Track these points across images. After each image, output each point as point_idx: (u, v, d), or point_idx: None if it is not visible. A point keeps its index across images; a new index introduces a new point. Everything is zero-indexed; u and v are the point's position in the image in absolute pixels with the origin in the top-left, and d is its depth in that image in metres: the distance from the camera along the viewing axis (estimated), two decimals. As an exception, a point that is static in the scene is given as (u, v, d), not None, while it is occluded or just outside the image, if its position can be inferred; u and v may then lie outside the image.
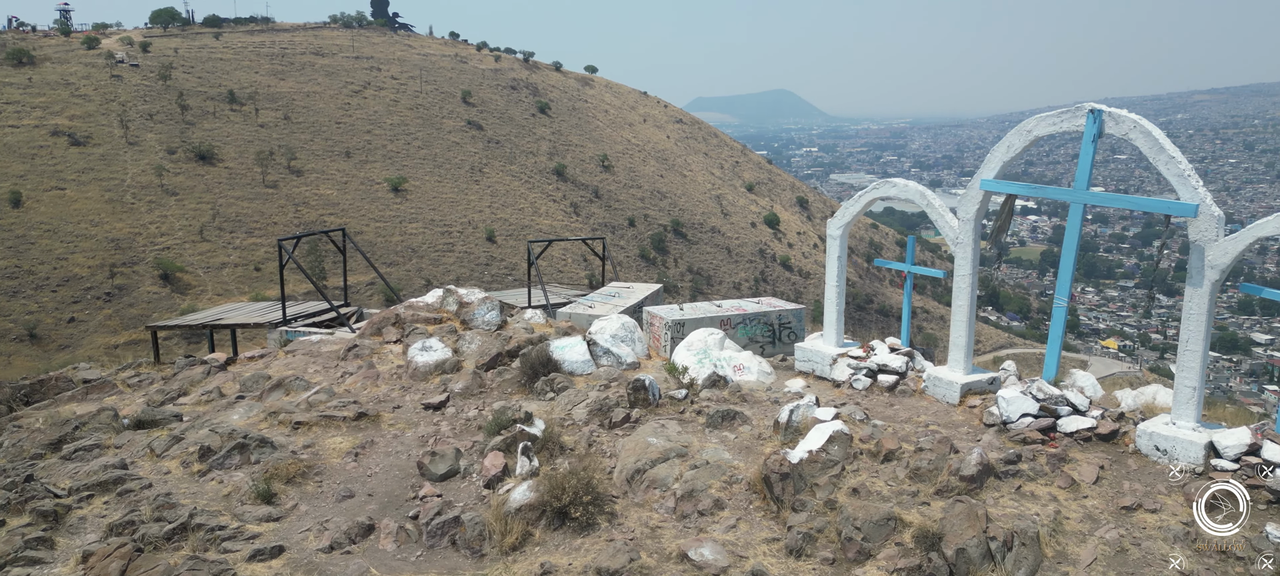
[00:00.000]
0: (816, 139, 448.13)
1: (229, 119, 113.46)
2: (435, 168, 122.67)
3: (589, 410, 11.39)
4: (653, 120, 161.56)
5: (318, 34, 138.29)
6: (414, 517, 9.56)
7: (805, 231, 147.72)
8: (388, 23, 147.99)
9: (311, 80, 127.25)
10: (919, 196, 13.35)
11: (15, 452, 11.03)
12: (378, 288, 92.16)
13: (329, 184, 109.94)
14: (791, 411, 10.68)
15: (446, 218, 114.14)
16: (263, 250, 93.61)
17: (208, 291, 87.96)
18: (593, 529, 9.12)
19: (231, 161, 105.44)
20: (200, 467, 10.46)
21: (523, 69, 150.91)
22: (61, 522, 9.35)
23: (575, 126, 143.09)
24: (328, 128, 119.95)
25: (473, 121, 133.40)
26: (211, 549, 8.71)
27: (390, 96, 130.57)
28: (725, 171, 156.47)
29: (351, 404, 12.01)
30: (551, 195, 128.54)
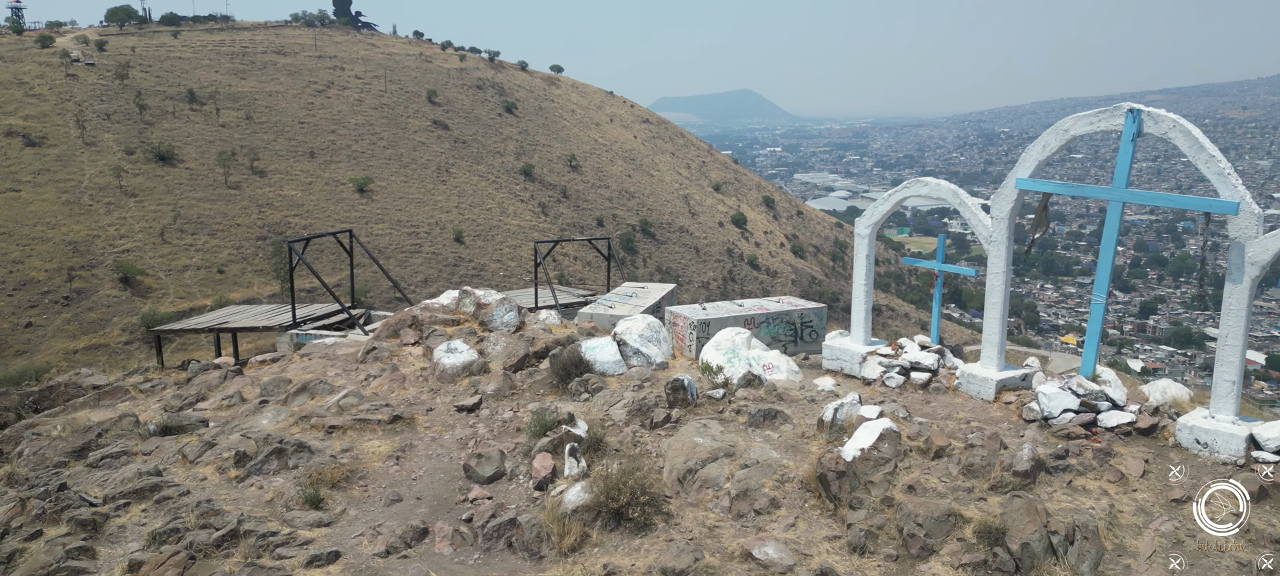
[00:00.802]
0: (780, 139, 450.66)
1: (189, 119, 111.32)
2: (401, 168, 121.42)
3: (628, 410, 11.25)
4: (619, 120, 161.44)
5: (279, 33, 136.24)
6: (468, 520, 9.36)
7: (772, 230, 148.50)
8: (350, 21, 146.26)
9: (274, 80, 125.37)
10: (951, 195, 13.36)
11: (38, 461, 10.62)
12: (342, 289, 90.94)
13: (293, 185, 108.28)
14: (836, 410, 10.62)
15: (413, 218, 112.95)
16: (226, 252, 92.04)
17: (170, 294, 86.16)
18: (650, 529, 8.98)
19: (192, 162, 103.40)
20: (237, 473, 10.14)
21: (488, 68, 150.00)
22: (100, 532, 9.01)
23: (542, 126, 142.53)
24: (291, 128, 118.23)
25: (438, 121, 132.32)
26: (265, 555, 8.44)
27: (354, 96, 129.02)
28: (692, 171, 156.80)
29: (383, 407, 11.75)
30: (519, 195, 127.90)
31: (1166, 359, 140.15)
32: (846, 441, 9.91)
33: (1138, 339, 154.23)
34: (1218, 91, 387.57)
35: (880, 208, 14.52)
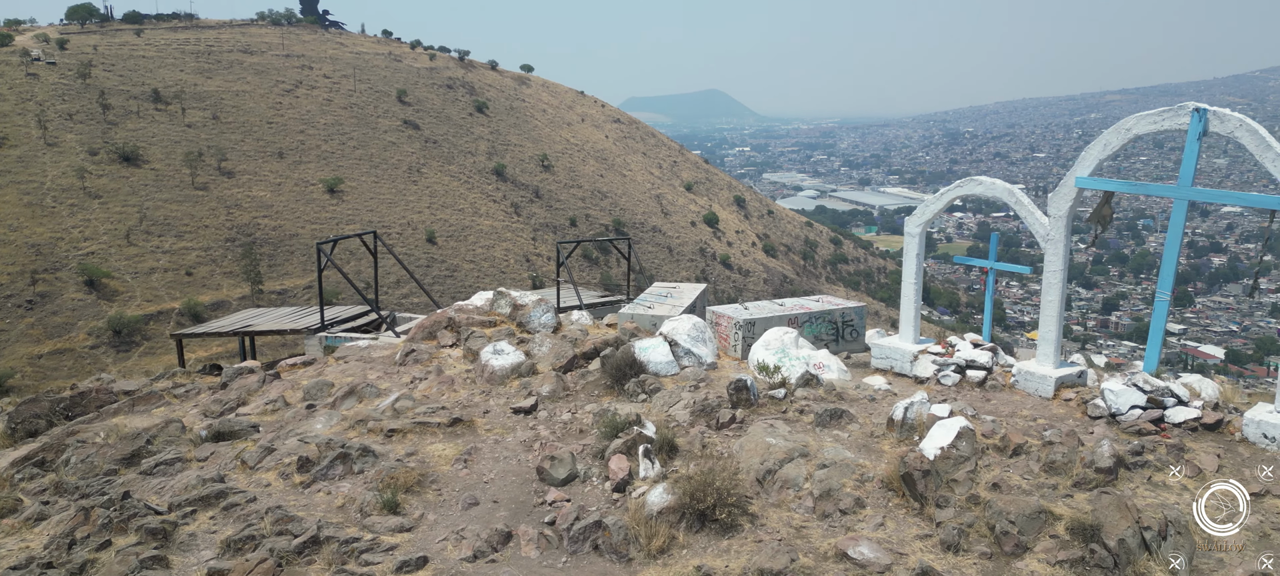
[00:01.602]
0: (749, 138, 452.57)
1: (154, 119, 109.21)
2: (372, 168, 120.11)
3: (691, 412, 11.07)
4: (591, 120, 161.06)
5: (245, 31, 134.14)
6: (550, 523, 9.14)
7: (743, 230, 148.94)
8: (318, 20, 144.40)
9: (240, 79, 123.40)
10: (1007, 194, 13.28)
11: (87, 469, 10.19)
12: (315, 291, 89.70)
13: (262, 185, 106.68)
14: (906, 409, 10.54)
15: (385, 219, 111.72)
16: (194, 254, 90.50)
17: (137, 297, 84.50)
18: (736, 530, 8.83)
19: (158, 163, 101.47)
20: (302, 479, 9.82)
21: (458, 67, 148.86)
22: (171, 540, 8.66)
23: (513, 126, 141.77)
24: (259, 128, 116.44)
25: (409, 121, 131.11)
26: (351, 561, 8.17)
27: (323, 95, 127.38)
28: (664, 171, 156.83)
29: (439, 410, 11.46)
30: (492, 195, 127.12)
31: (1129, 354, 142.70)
32: (917, 440, 9.83)
33: (1100, 335, 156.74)
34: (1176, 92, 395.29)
35: (931, 206, 14.44)
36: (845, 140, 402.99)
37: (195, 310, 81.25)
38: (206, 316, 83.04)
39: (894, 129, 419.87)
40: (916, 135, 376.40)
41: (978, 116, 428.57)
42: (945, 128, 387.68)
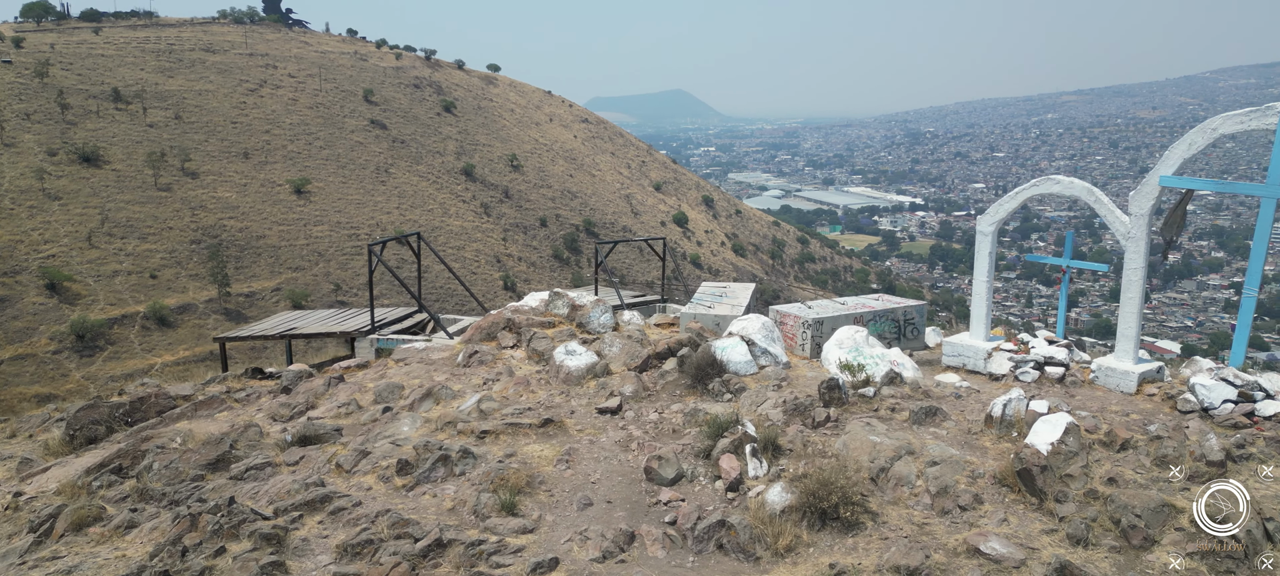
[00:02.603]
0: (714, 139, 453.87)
1: (114, 118, 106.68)
2: (339, 168, 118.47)
3: (784, 411, 10.95)
4: (559, 119, 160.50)
5: (207, 29, 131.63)
6: (672, 523, 8.97)
7: (712, 229, 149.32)
8: (281, 18, 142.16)
9: (203, 78, 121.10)
10: (1086, 193, 13.26)
11: (172, 475, 9.78)
12: (284, 293, 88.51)
13: (227, 186, 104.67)
14: (1004, 405, 10.51)
15: (353, 220, 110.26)
16: (158, 257, 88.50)
17: (100, 301, 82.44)
18: (859, 528, 8.72)
19: (119, 163, 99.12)
20: (403, 482, 9.53)
21: (425, 67, 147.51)
22: (284, 546, 8.32)
23: (482, 126, 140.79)
24: (223, 127, 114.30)
25: (376, 121, 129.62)
26: (480, 564, 7.95)
27: (288, 95, 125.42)
28: (633, 171, 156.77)
29: (526, 411, 11.22)
30: (461, 196, 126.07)
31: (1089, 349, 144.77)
32: (1015, 436, 9.83)
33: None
34: (1129, 92, 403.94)
35: (1006, 205, 14.42)
36: (809, 140, 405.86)
37: (161, 313, 79.64)
38: (173, 320, 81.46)
39: (857, 129, 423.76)
40: (879, 135, 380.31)
41: (938, 116, 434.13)
42: (907, 128, 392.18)
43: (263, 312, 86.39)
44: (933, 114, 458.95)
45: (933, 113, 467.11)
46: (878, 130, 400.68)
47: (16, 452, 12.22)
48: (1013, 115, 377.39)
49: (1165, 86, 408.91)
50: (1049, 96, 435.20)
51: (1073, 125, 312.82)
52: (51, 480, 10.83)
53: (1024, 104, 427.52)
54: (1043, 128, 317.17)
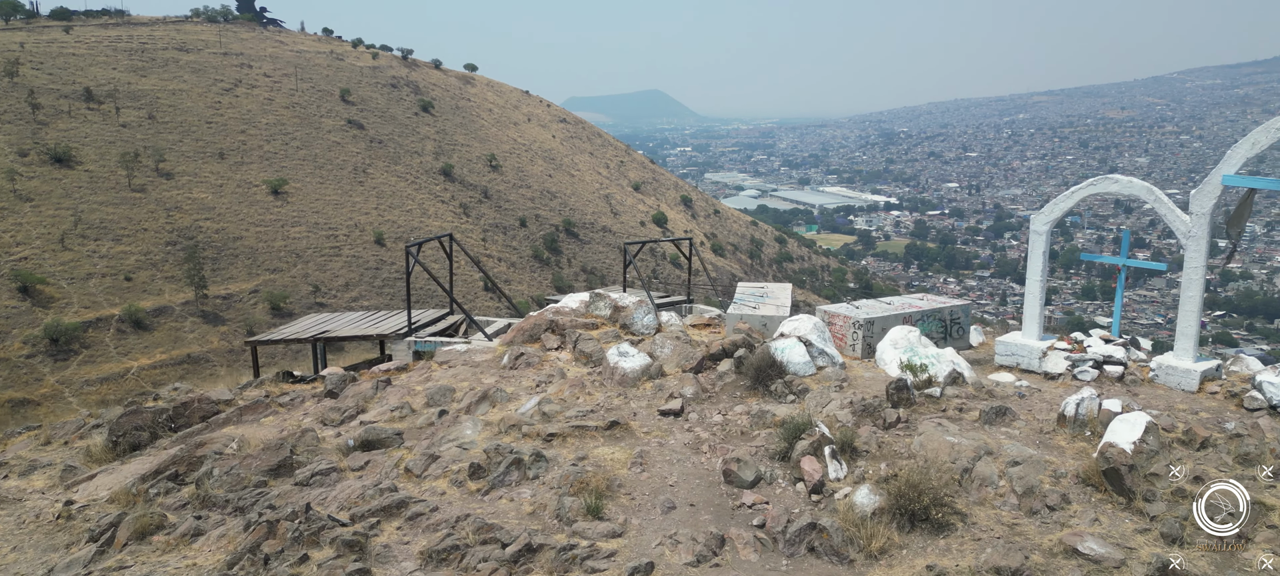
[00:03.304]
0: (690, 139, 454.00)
1: (87, 119, 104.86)
2: (316, 169, 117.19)
3: (853, 412, 10.87)
4: (537, 119, 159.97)
5: (180, 28, 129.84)
6: (760, 526, 8.83)
7: (692, 229, 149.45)
8: (255, 17, 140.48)
9: (177, 77, 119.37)
10: (1146, 193, 13.26)
11: (233, 481, 9.51)
12: (262, 295, 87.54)
13: (203, 187, 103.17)
14: (1077, 404, 10.48)
15: (331, 221, 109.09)
16: (133, 259, 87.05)
17: (73, 304, 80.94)
18: (949, 529, 8.65)
19: (92, 164, 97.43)
20: (478, 486, 9.35)
21: (402, 66, 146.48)
22: (366, 552, 8.10)
23: (460, 125, 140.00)
24: (198, 128, 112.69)
25: (353, 121, 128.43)
26: (575, 569, 7.78)
27: (264, 95, 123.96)
28: (611, 171, 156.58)
29: (590, 414, 11.05)
30: (440, 196, 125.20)
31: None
32: (1088, 435, 9.83)
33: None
34: (1098, 92, 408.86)
35: (1061, 204, 14.42)
36: (784, 140, 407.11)
37: (136, 316, 78.40)
38: (149, 323, 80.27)
39: (831, 129, 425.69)
40: (853, 135, 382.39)
41: (911, 117, 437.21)
42: (881, 128, 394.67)
43: (240, 316, 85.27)
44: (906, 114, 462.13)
45: (906, 113, 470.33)
46: (852, 130, 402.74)
47: (56, 460, 11.86)
48: (985, 115, 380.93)
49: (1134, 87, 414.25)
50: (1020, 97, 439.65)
51: (1044, 125, 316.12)
52: (101, 488, 10.51)
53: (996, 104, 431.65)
54: (1015, 127, 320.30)
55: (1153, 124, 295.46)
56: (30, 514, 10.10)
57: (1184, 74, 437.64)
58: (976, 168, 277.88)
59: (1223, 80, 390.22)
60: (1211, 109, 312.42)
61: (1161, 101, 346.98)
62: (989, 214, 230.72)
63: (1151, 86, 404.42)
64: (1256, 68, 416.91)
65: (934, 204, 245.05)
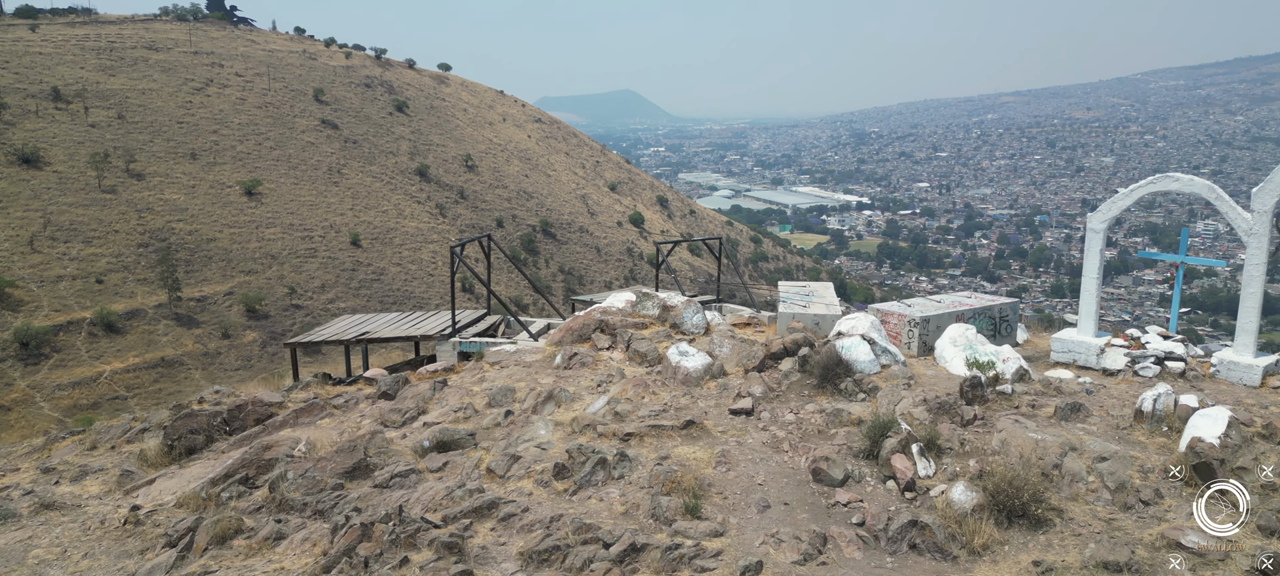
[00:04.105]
0: (663, 139, 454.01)
1: (55, 118, 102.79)
2: (291, 169, 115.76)
3: (928, 409, 10.87)
4: (512, 119, 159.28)
5: (149, 27, 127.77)
6: (860, 524, 8.75)
7: (668, 229, 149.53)
8: (226, 16, 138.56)
9: (146, 77, 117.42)
10: (1207, 190, 13.30)
11: (310, 484, 9.26)
12: (237, 297, 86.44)
13: (175, 188, 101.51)
14: (1155, 400, 10.54)
15: (306, 222, 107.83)
16: (104, 261, 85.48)
17: (44, 307, 79.34)
18: (1047, 525, 8.65)
19: (61, 165, 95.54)
20: (564, 486, 9.19)
21: (376, 66, 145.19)
22: (465, 554, 7.89)
23: (435, 125, 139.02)
24: (169, 127, 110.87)
25: (327, 120, 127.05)
26: (684, 569, 7.70)
27: (236, 94, 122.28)
28: (588, 171, 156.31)
29: (662, 413, 10.92)
30: (415, 197, 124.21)
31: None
32: (1166, 430, 9.91)
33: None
34: (1064, 93, 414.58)
35: (1119, 202, 14.46)
36: (757, 141, 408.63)
37: (108, 319, 77.01)
38: (121, 326, 78.98)
39: (803, 129, 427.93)
40: (825, 135, 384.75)
41: (882, 117, 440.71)
42: (852, 128, 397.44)
43: (215, 318, 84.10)
44: (876, 114, 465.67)
45: (876, 113, 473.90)
46: (824, 131, 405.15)
47: (107, 464, 11.50)
48: (954, 115, 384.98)
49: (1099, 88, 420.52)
50: (988, 97, 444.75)
51: (1012, 125, 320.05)
52: (164, 492, 10.19)
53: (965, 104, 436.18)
54: (983, 128, 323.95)
55: (1118, 124, 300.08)
56: (94, 520, 9.76)
57: (1148, 75, 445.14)
58: (947, 167, 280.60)
59: (1185, 81, 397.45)
60: (1175, 109, 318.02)
61: (1126, 102, 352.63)
62: (959, 213, 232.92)
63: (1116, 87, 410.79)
64: (1218, 69, 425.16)
65: (905, 203, 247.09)
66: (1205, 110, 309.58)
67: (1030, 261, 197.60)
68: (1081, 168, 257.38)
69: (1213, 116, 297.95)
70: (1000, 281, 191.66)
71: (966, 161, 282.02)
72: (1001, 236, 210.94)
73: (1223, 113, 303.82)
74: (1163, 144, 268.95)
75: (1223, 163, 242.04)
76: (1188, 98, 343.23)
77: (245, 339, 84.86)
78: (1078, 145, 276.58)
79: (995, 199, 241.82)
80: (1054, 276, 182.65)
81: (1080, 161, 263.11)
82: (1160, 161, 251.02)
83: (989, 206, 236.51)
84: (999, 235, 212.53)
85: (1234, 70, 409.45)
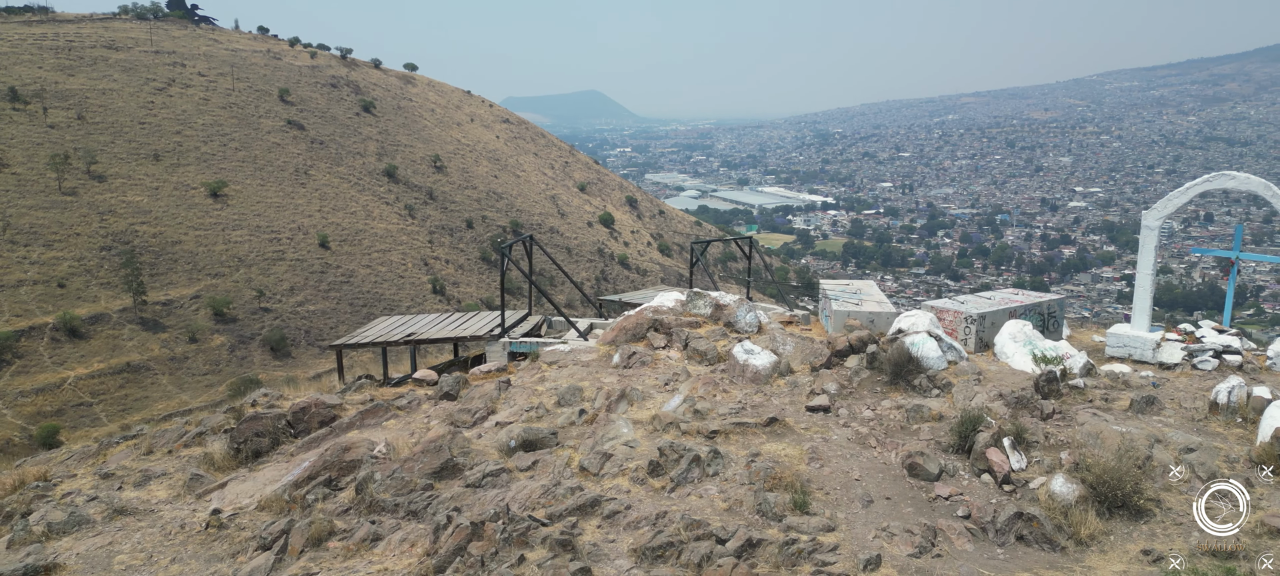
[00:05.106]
0: (629, 139, 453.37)
1: (12, 119, 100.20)
2: (257, 171, 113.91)
3: (1005, 404, 10.98)
4: (480, 120, 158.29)
5: (108, 26, 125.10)
6: (966, 517, 8.74)
7: (638, 230, 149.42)
8: (187, 15, 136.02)
9: (107, 77, 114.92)
10: (1263, 188, 13.52)
11: (400, 485, 9.08)
12: (204, 300, 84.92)
13: (137, 190, 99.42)
14: (1229, 392, 10.73)
15: (273, 224, 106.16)
16: (66, 265, 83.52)
17: (4, 312, 77.34)
18: (1147, 515, 8.74)
19: (19, 167, 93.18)
20: (660, 483, 9.14)
21: (341, 66, 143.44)
22: (578, 551, 7.76)
23: (402, 126, 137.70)
24: (131, 128, 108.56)
25: (293, 121, 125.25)
26: (803, 563, 7.68)
27: (199, 94, 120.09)
28: (556, 171, 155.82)
29: (742, 411, 10.90)
30: (384, 198, 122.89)
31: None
32: (1240, 421, 10.10)
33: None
34: (1022, 94, 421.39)
35: (1174, 200, 14.64)
36: (722, 141, 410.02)
37: (72, 324, 75.27)
38: (85, 331, 77.34)
39: (768, 130, 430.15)
40: (789, 136, 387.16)
41: (845, 118, 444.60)
42: (816, 129, 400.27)
43: (182, 322, 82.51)
44: (840, 115, 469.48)
45: (840, 114, 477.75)
46: (788, 131, 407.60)
47: (170, 468, 11.16)
48: (916, 116, 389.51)
49: (1056, 88, 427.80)
50: (949, 98, 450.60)
51: (973, 125, 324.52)
52: (241, 496, 9.91)
53: (926, 105, 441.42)
54: (945, 128, 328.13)
55: (1074, 124, 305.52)
56: (173, 524, 9.44)
57: (1103, 76, 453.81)
58: (909, 167, 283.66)
59: (1140, 82, 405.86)
60: (1129, 110, 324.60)
61: (1082, 103, 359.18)
62: (922, 212, 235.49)
63: (1073, 88, 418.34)
64: (1171, 70, 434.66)
65: (869, 203, 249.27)
66: (1159, 111, 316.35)
67: (992, 260, 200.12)
68: (1040, 167, 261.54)
69: (1166, 117, 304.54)
70: (963, 279, 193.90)
71: (929, 161, 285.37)
72: (964, 235, 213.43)
73: (1176, 113, 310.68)
74: (1119, 144, 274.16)
75: (1176, 162, 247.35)
76: (1142, 98, 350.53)
77: (213, 343, 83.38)
78: (1036, 145, 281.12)
79: (957, 198, 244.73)
80: (1016, 274, 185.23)
81: (1039, 161, 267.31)
82: (1116, 161, 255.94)
83: (951, 205, 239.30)
84: (961, 234, 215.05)
85: (1186, 71, 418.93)
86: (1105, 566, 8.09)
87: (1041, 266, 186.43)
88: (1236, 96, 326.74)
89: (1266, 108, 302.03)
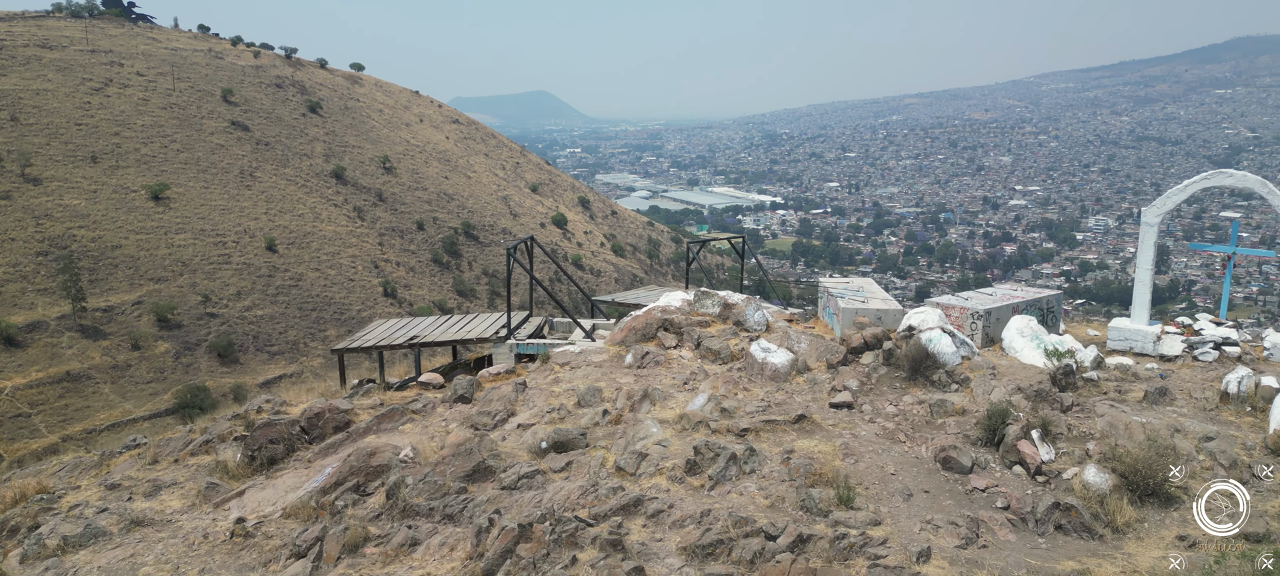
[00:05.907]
0: (579, 140, 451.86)
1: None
2: (200, 173, 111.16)
3: (1025, 397, 11.13)
4: (429, 120, 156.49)
5: (41, 24, 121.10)
6: (1005, 508, 8.83)
7: (591, 231, 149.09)
8: (123, 13, 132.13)
9: (40, 76, 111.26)
10: (1260, 185, 13.83)
11: (433, 489, 8.84)
12: (147, 306, 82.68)
13: (75, 193, 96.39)
14: (1238, 382, 10.98)
15: (218, 227, 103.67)
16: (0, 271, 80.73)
17: (-64, 321, 74.48)
18: (1176, 502, 8.91)
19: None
20: (698, 482, 9.09)
21: (286, 66, 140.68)
22: (628, 551, 7.65)
23: (350, 126, 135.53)
24: (66, 130, 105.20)
25: (237, 122, 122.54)
26: (856, 558, 7.73)
27: (138, 94, 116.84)
28: (508, 172, 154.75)
29: (769, 409, 10.89)
30: (332, 199, 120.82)
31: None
32: (1250, 410, 10.38)
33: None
34: (963, 95, 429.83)
35: (1173, 198, 14.90)
36: (672, 142, 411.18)
37: (7, 333, 72.75)
38: (21, 340, 74.94)
39: (717, 131, 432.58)
40: (738, 137, 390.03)
41: (792, 119, 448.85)
42: (763, 130, 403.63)
43: (124, 329, 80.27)
44: (787, 116, 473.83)
45: (787, 115, 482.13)
46: (737, 132, 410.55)
47: (179, 478, 10.73)
48: (861, 117, 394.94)
49: (996, 90, 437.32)
50: (893, 99, 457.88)
51: (916, 126, 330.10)
52: (262, 503, 9.57)
53: (871, 106, 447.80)
54: (889, 129, 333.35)
55: (1014, 125, 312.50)
56: (195, 534, 9.06)
57: (1040, 77, 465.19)
58: (855, 167, 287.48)
59: (1075, 84, 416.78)
60: (1065, 110, 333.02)
61: (1021, 104, 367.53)
62: (869, 211, 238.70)
63: (1011, 89, 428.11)
64: (1104, 72, 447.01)
65: (817, 203, 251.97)
66: (1093, 111, 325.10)
67: (937, 257, 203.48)
68: (981, 167, 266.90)
69: (1100, 117, 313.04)
70: (909, 276, 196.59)
71: (874, 161, 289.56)
72: (909, 233, 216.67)
73: (1109, 114, 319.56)
74: (1056, 144, 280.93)
75: (1111, 161, 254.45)
76: (1077, 99, 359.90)
77: (157, 350, 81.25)
78: (978, 145, 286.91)
79: (902, 197, 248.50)
80: (959, 271, 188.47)
81: (980, 161, 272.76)
82: (1054, 160, 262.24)
83: (896, 205, 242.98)
84: (907, 232, 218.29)
85: (1119, 73, 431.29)
86: (1144, 553, 8.26)
87: (984, 264, 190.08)
88: (1167, 97, 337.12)
89: (1195, 108, 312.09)
